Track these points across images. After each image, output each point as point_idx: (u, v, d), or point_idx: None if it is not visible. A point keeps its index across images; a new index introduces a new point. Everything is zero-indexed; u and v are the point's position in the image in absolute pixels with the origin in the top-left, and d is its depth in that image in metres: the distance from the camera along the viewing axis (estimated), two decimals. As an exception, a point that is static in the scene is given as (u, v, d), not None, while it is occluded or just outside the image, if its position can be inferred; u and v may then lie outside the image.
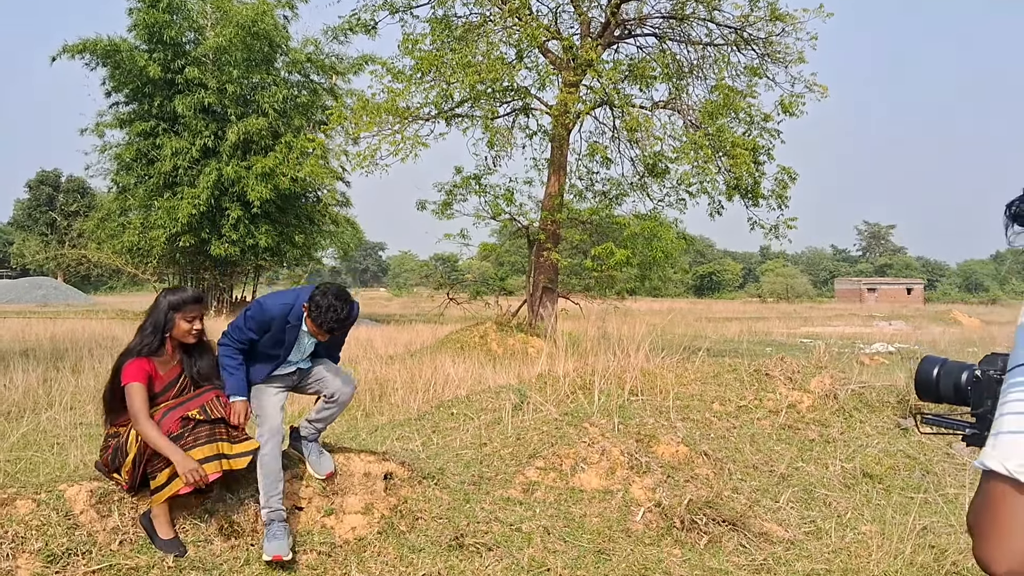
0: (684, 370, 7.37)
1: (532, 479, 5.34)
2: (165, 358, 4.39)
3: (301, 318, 4.35)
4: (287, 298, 4.37)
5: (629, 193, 15.65)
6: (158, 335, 4.34)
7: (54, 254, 60.06)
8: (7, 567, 3.80)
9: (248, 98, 27.56)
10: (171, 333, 4.34)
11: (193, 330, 4.34)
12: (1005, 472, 1.14)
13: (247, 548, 4.27)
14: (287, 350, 4.44)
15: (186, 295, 4.36)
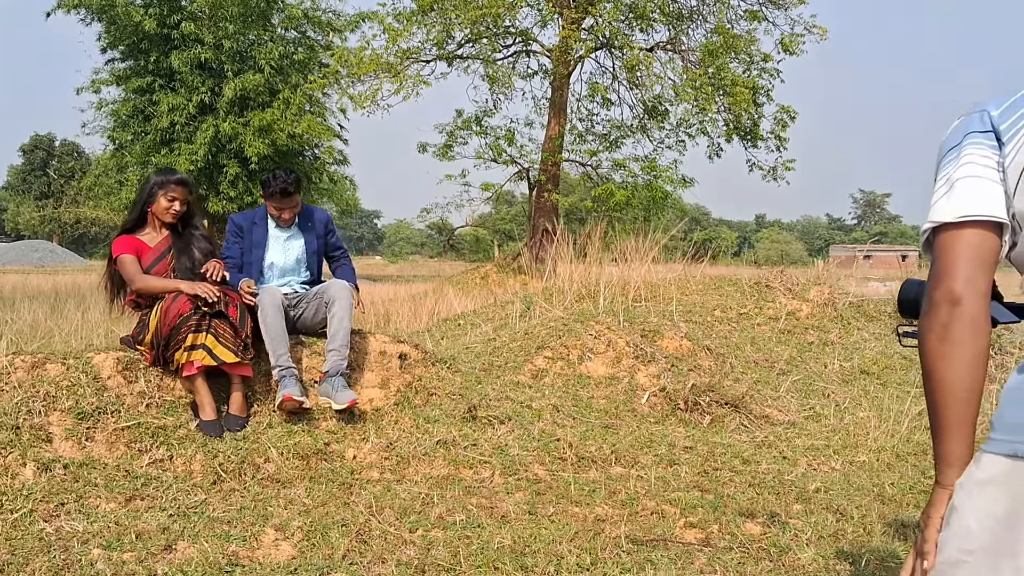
0: (686, 281, 7.53)
1: (540, 367, 5.50)
2: (150, 233, 4.57)
3: (264, 216, 4.83)
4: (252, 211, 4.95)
5: (629, 135, 15.74)
6: (139, 209, 4.55)
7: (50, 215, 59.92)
8: (39, 422, 3.95)
9: (245, 54, 27.38)
10: (151, 208, 4.51)
11: (172, 209, 4.51)
12: (955, 219, 1.38)
13: (269, 414, 4.43)
14: (263, 248, 4.79)
15: (171, 175, 4.56)
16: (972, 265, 1.38)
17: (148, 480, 3.86)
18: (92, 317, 10.53)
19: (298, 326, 4.84)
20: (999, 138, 1.46)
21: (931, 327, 1.39)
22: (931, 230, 1.44)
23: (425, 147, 15.45)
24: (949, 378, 1.37)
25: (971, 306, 1.36)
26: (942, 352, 1.37)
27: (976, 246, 1.39)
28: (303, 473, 4.13)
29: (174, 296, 4.26)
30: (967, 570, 1.34)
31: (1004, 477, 1.31)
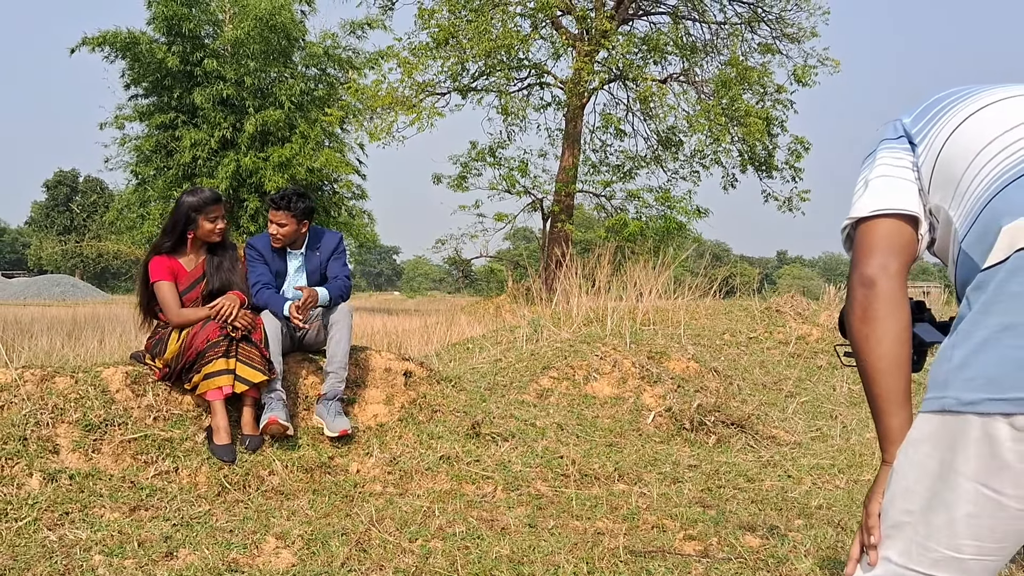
0: (696, 307, 7.53)
1: (546, 386, 5.51)
2: (189, 256, 4.62)
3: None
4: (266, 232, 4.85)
5: (643, 166, 15.83)
6: (176, 234, 4.56)
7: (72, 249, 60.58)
8: (47, 434, 4.01)
9: (266, 90, 27.83)
10: (194, 233, 4.56)
11: (216, 229, 4.56)
12: (869, 214, 1.51)
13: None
14: (283, 279, 4.81)
15: (205, 196, 4.55)
16: (884, 251, 1.48)
17: (153, 491, 3.90)
18: (108, 345, 10.66)
19: (302, 345, 4.89)
20: (911, 141, 1.58)
21: (852, 311, 1.48)
22: (851, 226, 1.56)
23: (439, 178, 15.64)
24: (875, 356, 1.45)
25: (885, 285, 1.45)
26: (865, 332, 1.46)
27: (888, 235, 1.50)
28: (307, 486, 4.16)
29: (203, 323, 4.33)
30: (909, 530, 1.38)
31: (935, 432, 1.36)
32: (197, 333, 4.30)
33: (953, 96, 1.59)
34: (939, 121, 1.55)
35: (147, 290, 4.58)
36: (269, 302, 4.60)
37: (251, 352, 4.33)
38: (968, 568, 1.35)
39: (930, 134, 1.55)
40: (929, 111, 1.58)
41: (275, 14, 26.17)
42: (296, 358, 4.89)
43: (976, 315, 1.35)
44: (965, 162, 1.47)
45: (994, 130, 1.46)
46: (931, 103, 1.61)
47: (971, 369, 1.31)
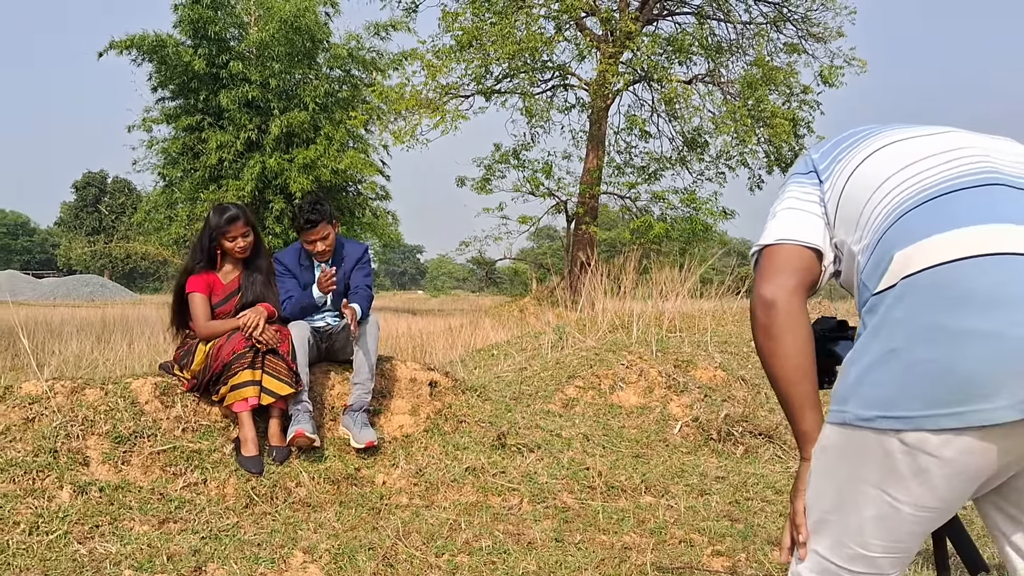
0: (723, 312, 7.48)
1: (571, 396, 5.49)
2: (225, 270, 4.65)
3: (308, 256, 4.80)
4: (293, 246, 4.90)
5: (668, 168, 15.74)
6: (204, 253, 4.59)
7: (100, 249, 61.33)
8: (78, 446, 4.05)
9: (291, 92, 27.99)
10: (221, 250, 4.59)
11: (237, 248, 4.57)
12: (773, 241, 1.62)
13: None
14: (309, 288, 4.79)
15: (222, 218, 4.52)
16: (784, 272, 1.58)
17: (182, 503, 3.92)
18: (138, 348, 10.76)
19: (330, 356, 4.90)
20: (819, 177, 1.68)
21: (756, 329, 1.58)
22: (758, 253, 1.66)
23: (463, 181, 15.62)
24: (781, 370, 1.55)
25: (784, 303, 1.55)
26: (769, 350, 1.56)
27: (788, 258, 1.61)
28: (333, 497, 4.17)
29: (228, 334, 4.35)
30: (831, 527, 1.50)
31: (839, 442, 1.46)
32: (223, 345, 4.33)
33: (856, 136, 1.69)
34: (842, 160, 1.65)
35: (180, 301, 4.61)
36: (300, 302, 4.62)
37: (278, 364, 4.35)
38: (878, 564, 1.47)
39: (834, 172, 1.65)
40: (834, 149, 1.69)
41: (300, 16, 26.31)
42: (322, 368, 4.90)
43: (867, 337, 1.44)
44: (865, 198, 1.57)
45: (890, 169, 1.56)
46: (837, 141, 1.72)
47: (864, 387, 1.41)
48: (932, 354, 1.32)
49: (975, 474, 1.36)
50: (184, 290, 4.57)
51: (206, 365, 4.36)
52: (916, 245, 1.41)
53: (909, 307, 1.37)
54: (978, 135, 1.62)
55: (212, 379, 4.35)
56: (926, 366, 1.32)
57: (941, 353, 1.31)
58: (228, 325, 4.42)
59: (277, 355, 4.36)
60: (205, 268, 4.60)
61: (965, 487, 1.38)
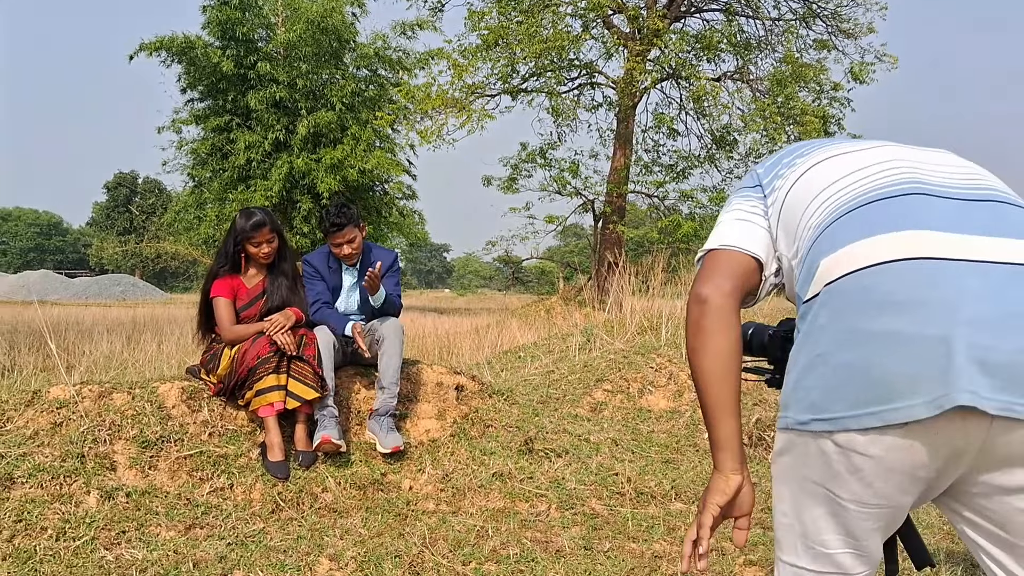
0: (752, 314, 7.36)
1: (599, 399, 5.42)
2: (250, 274, 4.63)
3: (337, 259, 4.78)
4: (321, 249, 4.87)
5: (697, 166, 15.57)
6: (229, 257, 4.58)
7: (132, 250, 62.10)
8: (105, 450, 4.04)
9: (317, 92, 28.09)
10: (245, 254, 4.58)
11: (261, 253, 4.55)
12: (717, 246, 1.65)
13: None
14: (338, 295, 4.80)
15: (247, 223, 4.51)
16: (721, 274, 1.61)
17: (208, 508, 3.91)
18: (167, 348, 10.83)
19: (355, 359, 4.87)
20: (763, 191, 1.73)
21: (688, 326, 1.60)
22: (702, 258, 1.70)
23: (489, 180, 15.54)
24: (705, 367, 1.55)
25: (716, 302, 1.57)
26: (696, 346, 1.57)
27: (727, 262, 1.64)
28: (360, 503, 4.14)
29: (253, 338, 4.34)
30: (792, 531, 1.53)
31: (786, 447, 1.51)
32: (248, 349, 4.31)
33: (798, 151, 1.74)
34: (783, 175, 1.70)
35: (206, 306, 4.61)
36: (328, 320, 4.59)
37: (303, 369, 4.32)
38: (840, 562, 1.50)
39: (776, 186, 1.70)
40: (778, 164, 1.74)
41: (327, 16, 26.40)
42: (348, 372, 4.87)
43: (798, 344, 1.49)
44: (800, 211, 1.62)
45: (822, 183, 1.61)
46: (780, 156, 1.76)
47: (799, 392, 1.46)
48: (852, 356, 1.37)
49: (909, 470, 1.39)
50: (209, 294, 4.57)
51: (232, 369, 4.35)
52: (838, 252, 1.47)
53: (831, 312, 1.43)
54: (913, 148, 1.67)
55: (238, 383, 4.34)
56: (848, 368, 1.37)
57: (861, 355, 1.36)
58: (252, 329, 4.40)
59: (302, 359, 4.34)
60: (229, 272, 4.60)
61: (903, 483, 1.41)
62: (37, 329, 14.54)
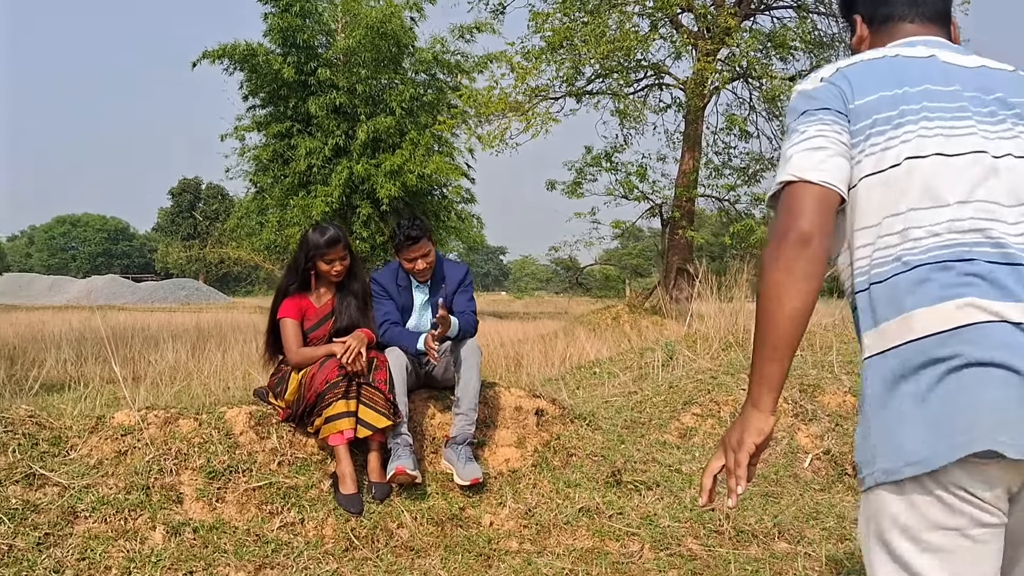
0: (845, 329, 6.91)
1: (688, 424, 5.06)
2: (318, 293, 4.39)
3: (406, 276, 4.52)
4: (390, 266, 4.62)
5: (769, 168, 15.01)
6: (299, 274, 4.34)
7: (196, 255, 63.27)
8: (171, 481, 3.83)
9: (376, 98, 28.12)
10: (315, 272, 4.33)
11: (333, 271, 4.29)
12: (818, 181, 1.54)
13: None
14: (409, 313, 4.52)
15: (320, 238, 4.26)
16: (820, 212, 1.53)
17: (279, 546, 3.66)
18: (231, 359, 10.74)
19: (429, 382, 4.59)
20: (850, 121, 1.60)
21: (776, 258, 1.52)
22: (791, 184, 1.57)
23: (553, 184, 15.17)
24: (788, 309, 1.50)
25: (818, 247, 1.51)
26: (786, 284, 1.50)
27: (825, 200, 1.54)
28: (438, 540, 3.85)
29: (321, 362, 4.09)
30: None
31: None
32: (316, 373, 4.06)
33: (901, 103, 1.58)
34: (886, 133, 1.57)
35: (274, 326, 4.38)
36: (399, 339, 4.31)
37: (374, 394, 4.05)
38: None
39: (872, 138, 1.57)
40: (877, 107, 1.58)
41: (386, 22, 26.41)
42: (422, 395, 4.60)
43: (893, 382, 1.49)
44: (895, 206, 1.54)
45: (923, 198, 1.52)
46: (877, 85, 1.60)
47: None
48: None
49: None
50: (277, 315, 4.33)
51: (300, 395, 4.10)
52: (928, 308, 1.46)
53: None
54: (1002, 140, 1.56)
55: (307, 409, 4.09)
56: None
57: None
58: (320, 352, 4.14)
59: (372, 385, 4.07)
60: (299, 290, 4.36)
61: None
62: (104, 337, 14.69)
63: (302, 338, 4.26)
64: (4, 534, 3.33)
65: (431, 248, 4.45)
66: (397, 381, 4.14)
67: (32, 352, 11.08)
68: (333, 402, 3.97)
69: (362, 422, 4.00)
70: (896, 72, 1.61)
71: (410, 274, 4.49)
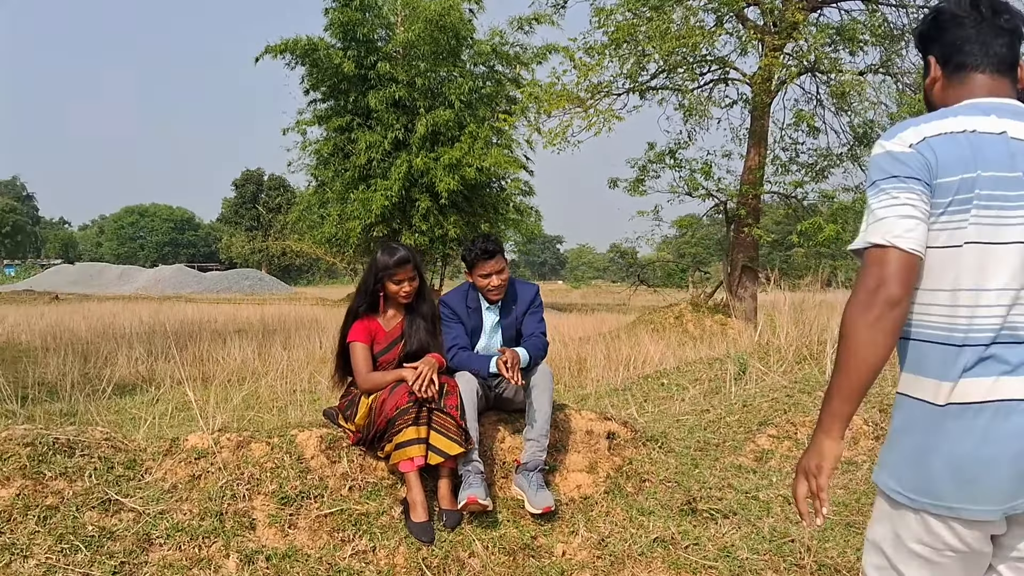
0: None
1: (764, 447, 4.91)
2: (387, 316, 4.34)
3: (475, 298, 4.44)
4: (459, 288, 4.54)
5: (837, 164, 14.57)
6: (368, 296, 4.29)
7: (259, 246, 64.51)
8: (244, 507, 3.83)
9: (436, 91, 28.16)
10: (384, 293, 4.28)
11: (401, 292, 4.23)
12: (911, 249, 1.72)
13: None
14: (478, 336, 4.45)
15: (390, 259, 4.20)
16: (909, 280, 1.74)
17: (351, 575, 3.63)
18: (296, 358, 10.86)
19: (499, 404, 4.52)
20: (932, 192, 1.75)
21: (865, 312, 1.73)
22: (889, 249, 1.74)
23: (615, 182, 14.95)
24: (870, 359, 1.73)
25: (903, 309, 1.74)
26: (871, 338, 1.72)
27: (914, 268, 1.75)
28: (510, 571, 3.79)
29: (391, 387, 4.04)
30: None
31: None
32: (386, 399, 4.01)
33: (979, 189, 1.73)
34: (958, 215, 1.74)
35: (344, 348, 4.34)
36: (469, 364, 4.23)
37: (445, 420, 3.99)
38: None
39: (952, 216, 1.74)
40: (960, 191, 1.73)
41: (445, 15, 26.39)
42: (491, 419, 4.53)
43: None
44: (963, 280, 1.75)
45: (1000, 280, 1.73)
46: (963, 183, 1.73)
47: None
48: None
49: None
50: (347, 338, 4.30)
51: (370, 420, 4.06)
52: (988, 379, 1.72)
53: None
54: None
55: (377, 435, 4.05)
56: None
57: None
58: (390, 377, 4.10)
59: (444, 410, 4.00)
60: (368, 311, 4.32)
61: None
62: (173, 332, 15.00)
63: (371, 362, 4.22)
64: (81, 563, 3.35)
65: (505, 265, 4.37)
66: (468, 407, 4.08)
67: (104, 349, 11.32)
68: (403, 428, 3.93)
69: (433, 448, 3.94)
70: (975, 152, 1.74)
71: (482, 293, 4.41)
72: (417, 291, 4.29)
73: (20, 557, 3.31)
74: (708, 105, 14.35)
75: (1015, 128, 1.78)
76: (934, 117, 1.82)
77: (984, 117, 1.79)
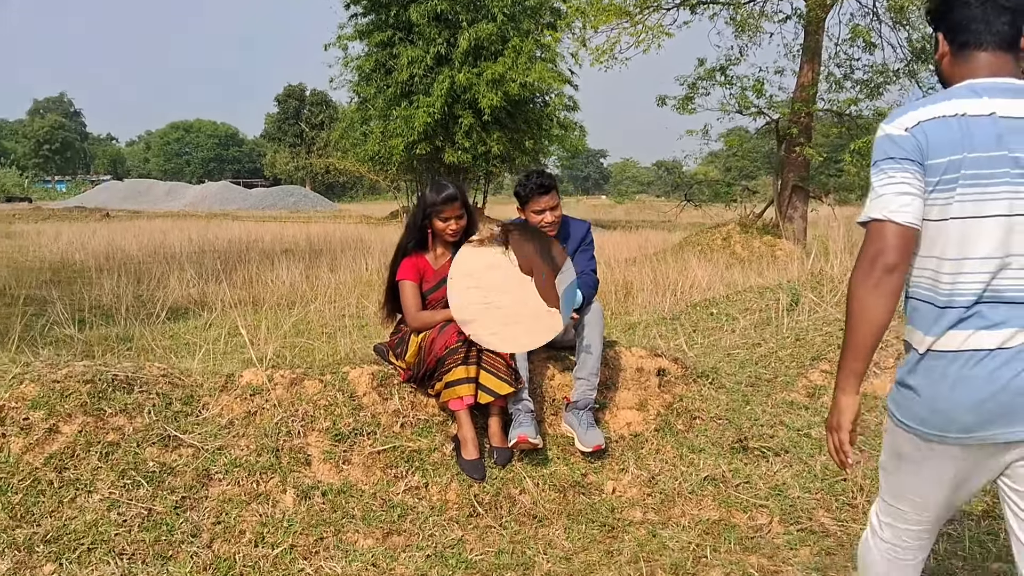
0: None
1: (817, 382, 4.85)
2: (436, 253, 4.30)
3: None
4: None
5: (893, 81, 14.01)
6: (416, 232, 4.25)
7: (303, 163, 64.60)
8: (299, 443, 3.89)
9: (478, 3, 27.50)
10: (431, 229, 4.23)
11: (448, 230, 4.18)
12: (906, 223, 1.96)
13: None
14: None
15: (437, 196, 4.15)
16: (906, 249, 1.97)
17: (404, 511, 3.69)
18: (344, 280, 10.96)
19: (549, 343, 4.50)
20: (924, 172, 1.97)
21: (866, 278, 1.98)
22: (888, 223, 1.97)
23: (664, 100, 14.54)
24: (876, 319, 1.99)
25: (901, 274, 1.97)
26: (872, 301, 1.98)
27: (910, 239, 1.97)
28: (560, 508, 3.83)
29: (441, 326, 4.04)
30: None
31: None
32: (436, 338, 4.02)
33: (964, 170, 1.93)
34: (945, 193, 1.96)
35: (393, 285, 4.33)
36: None
37: (495, 360, 3.99)
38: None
39: (944, 192, 1.95)
40: (948, 171, 1.94)
41: (487, -78, 25.59)
42: (540, 356, 4.52)
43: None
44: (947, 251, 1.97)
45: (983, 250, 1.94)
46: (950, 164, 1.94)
47: None
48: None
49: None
50: (396, 276, 4.28)
51: (420, 358, 4.08)
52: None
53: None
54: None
55: (427, 373, 4.07)
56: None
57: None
58: (439, 317, 4.09)
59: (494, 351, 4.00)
60: (416, 248, 4.29)
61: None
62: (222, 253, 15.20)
63: (421, 300, 4.21)
64: (143, 497, 3.45)
65: (559, 201, 4.32)
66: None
67: (156, 271, 11.50)
68: (453, 367, 3.94)
69: (483, 387, 3.95)
70: (964, 135, 1.92)
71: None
72: (465, 229, 4.24)
73: (84, 492, 3.41)
74: (760, 20, 13.81)
75: (1005, 107, 1.94)
76: (931, 101, 2.01)
77: (976, 99, 1.96)
